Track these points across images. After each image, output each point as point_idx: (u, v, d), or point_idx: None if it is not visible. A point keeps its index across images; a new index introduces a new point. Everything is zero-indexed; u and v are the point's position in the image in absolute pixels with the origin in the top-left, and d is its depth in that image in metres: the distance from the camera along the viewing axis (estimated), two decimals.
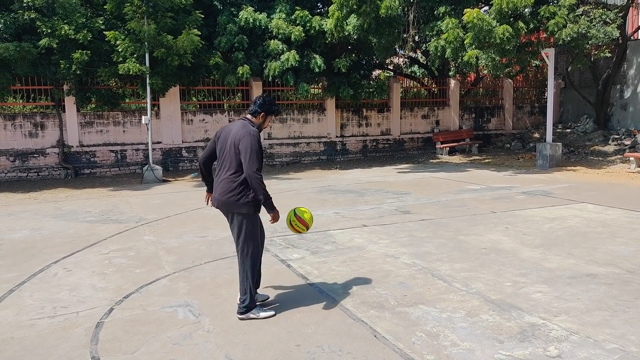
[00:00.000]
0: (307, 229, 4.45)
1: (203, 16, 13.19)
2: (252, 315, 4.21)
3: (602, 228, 7.13)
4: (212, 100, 16.71)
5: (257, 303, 4.33)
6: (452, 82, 19.41)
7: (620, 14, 15.84)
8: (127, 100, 15.88)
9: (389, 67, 21.94)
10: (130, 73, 12.29)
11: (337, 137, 17.71)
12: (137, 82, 13.99)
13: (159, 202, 10.14)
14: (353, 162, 17.25)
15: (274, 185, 12.14)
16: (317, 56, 14.94)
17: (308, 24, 14.75)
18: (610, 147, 16.09)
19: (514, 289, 4.85)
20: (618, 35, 15.37)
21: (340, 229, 7.49)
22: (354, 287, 4.98)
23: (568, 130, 19.07)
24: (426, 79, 21.83)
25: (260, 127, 4.33)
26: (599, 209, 8.47)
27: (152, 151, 13.69)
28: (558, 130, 18.96)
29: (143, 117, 13.35)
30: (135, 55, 12.39)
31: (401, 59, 22.53)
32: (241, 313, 4.21)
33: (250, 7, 14.83)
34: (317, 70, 14.85)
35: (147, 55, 12.60)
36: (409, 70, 23.50)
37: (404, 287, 4.95)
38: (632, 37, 17.81)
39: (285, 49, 14.74)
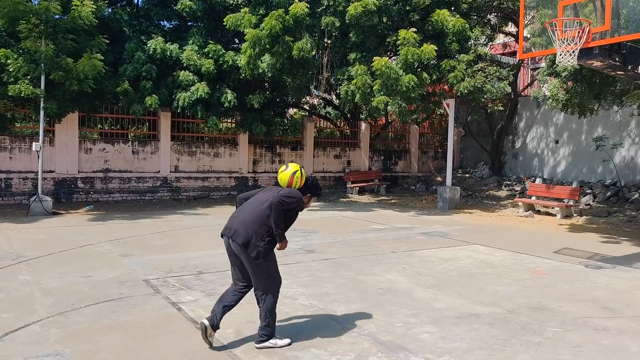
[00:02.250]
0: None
1: (108, 41, 12.72)
2: (269, 344, 4.40)
3: (490, 269, 7.57)
4: (119, 129, 16.04)
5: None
6: (363, 125, 20.14)
7: (512, 72, 17.47)
8: (17, 125, 14.79)
9: (304, 106, 22.38)
10: (22, 95, 11.50)
11: (249, 172, 17.61)
12: (30, 105, 13.07)
13: (43, 237, 9.40)
14: None
15: (177, 221, 11.76)
16: (228, 91, 14.94)
17: (221, 59, 14.76)
18: (503, 192, 17.33)
19: (404, 329, 4.96)
20: (510, 91, 16.88)
21: None
22: (245, 332, 4.85)
23: (467, 175, 20.36)
24: (339, 120, 22.48)
25: (303, 207, 4.61)
26: (489, 250, 9.01)
27: (42, 180, 12.65)
28: (458, 175, 20.17)
29: (34, 143, 12.40)
30: (29, 77, 11.63)
31: (316, 100, 23.09)
32: (259, 342, 4.41)
33: (160, 37, 14.60)
34: (227, 104, 14.81)
35: (42, 78, 11.82)
36: (324, 111, 24.11)
37: (298, 330, 4.90)
38: (522, 94, 19.58)
39: (196, 80, 14.60)
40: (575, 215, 13.36)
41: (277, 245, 4.42)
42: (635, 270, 7.59)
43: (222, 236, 4.50)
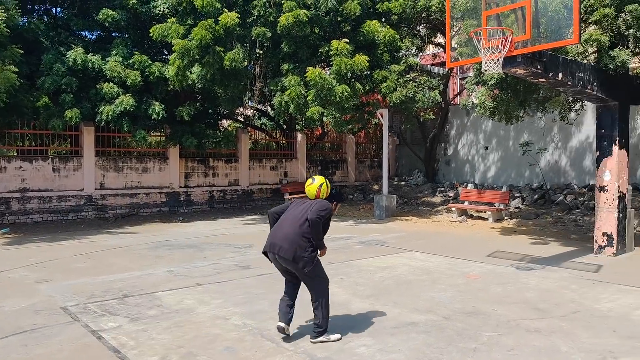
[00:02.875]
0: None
1: (22, 52, 11.88)
2: (323, 339, 4.85)
3: (426, 275, 7.57)
4: (39, 146, 15.03)
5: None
6: (299, 136, 20.04)
7: (442, 82, 17.93)
8: None
9: (239, 118, 22.02)
10: None
11: (180, 187, 17.00)
12: None
13: None
14: (198, 213, 16.62)
15: (103, 242, 11.12)
16: (156, 103, 14.38)
17: (147, 70, 14.19)
18: (437, 199, 17.71)
19: (341, 344, 4.80)
20: (440, 100, 17.31)
21: (170, 290, 6.93)
22: (173, 358, 4.51)
23: (403, 182, 20.68)
24: (275, 131, 22.28)
25: (332, 213, 5.02)
26: (425, 256, 9.06)
27: None
28: (394, 183, 20.45)
29: None
30: None
31: (251, 111, 22.78)
32: (314, 337, 4.86)
33: (80, 48, 13.84)
34: (155, 117, 14.25)
35: None
36: (259, 122, 23.83)
37: (229, 353, 4.62)
38: (452, 102, 20.19)
39: (121, 92, 13.93)
40: (506, 218, 13.81)
41: (319, 252, 4.94)
42: (562, 269, 7.84)
43: (265, 254, 5.00)
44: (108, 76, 13.93)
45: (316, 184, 5.01)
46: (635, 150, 13.38)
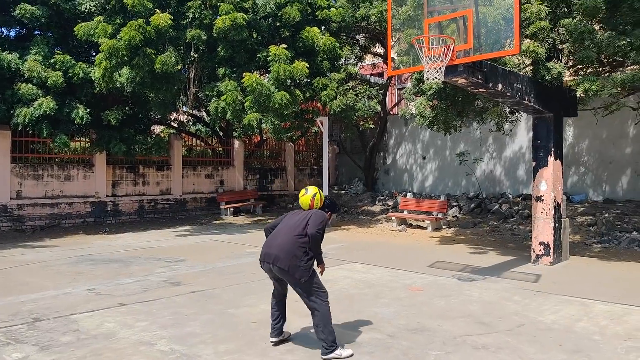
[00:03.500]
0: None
1: None
2: (335, 355, 4.62)
3: (368, 289, 7.30)
4: None
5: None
6: (237, 143, 19.46)
7: (381, 91, 18.01)
8: None
9: (173, 123, 21.11)
10: None
11: (107, 196, 15.95)
12: None
13: None
14: (126, 224, 15.64)
15: (16, 256, 10.14)
16: (80, 106, 13.38)
17: (71, 70, 13.19)
18: (377, 207, 17.67)
19: None
20: (380, 109, 17.36)
21: (90, 312, 6.24)
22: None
23: (343, 191, 20.56)
24: (211, 138, 21.55)
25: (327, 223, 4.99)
26: (366, 268, 8.81)
27: None
28: (334, 192, 20.28)
29: None
30: None
31: (185, 117, 21.93)
32: (325, 353, 4.62)
33: None
34: (79, 121, 13.26)
35: None
36: (195, 128, 22.99)
37: None
38: (391, 112, 20.33)
39: (40, 94, 12.83)
40: (444, 227, 13.90)
41: (318, 270, 4.94)
42: (503, 280, 7.82)
43: (261, 263, 4.88)
44: (26, 76, 12.82)
45: (309, 194, 5.01)
46: (566, 161, 13.90)
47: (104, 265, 9.25)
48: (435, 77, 6.72)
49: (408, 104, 17.88)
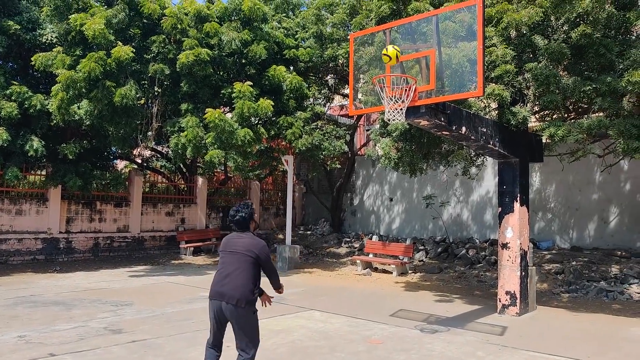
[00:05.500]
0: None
1: None
2: None
3: (325, 340, 6.81)
4: None
5: None
6: (200, 180, 18.93)
7: (349, 132, 17.89)
8: None
9: (136, 159, 20.50)
10: None
11: (61, 232, 15.13)
12: None
13: None
14: (79, 263, 14.79)
15: None
16: (35, 138, 12.80)
17: (27, 102, 12.66)
18: (343, 249, 17.23)
19: None
20: (347, 149, 17.19)
21: None
22: None
23: (309, 232, 20.08)
24: (174, 175, 20.97)
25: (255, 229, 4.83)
26: (325, 316, 8.31)
27: None
28: (300, 232, 19.80)
29: None
30: None
31: (149, 152, 21.34)
32: None
33: None
34: (32, 153, 12.66)
35: None
36: (159, 164, 22.39)
37: None
38: (358, 153, 20.19)
39: None
40: (410, 272, 13.53)
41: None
42: (467, 332, 7.41)
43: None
44: None
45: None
46: (532, 206, 13.83)
47: (43, 308, 8.56)
48: (396, 118, 6.49)
49: (375, 145, 17.82)
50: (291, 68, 14.75)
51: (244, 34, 13.06)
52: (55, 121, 12.89)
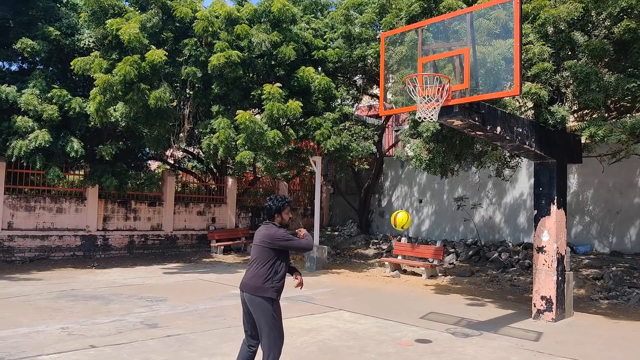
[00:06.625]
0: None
1: None
2: None
3: (354, 341, 6.81)
4: None
5: None
6: (230, 181, 19.17)
7: (377, 132, 17.83)
8: None
9: (168, 160, 20.92)
10: None
11: (98, 230, 15.55)
12: None
13: None
14: (115, 259, 15.19)
15: (0, 289, 9.79)
16: (75, 140, 13.24)
17: (67, 105, 13.10)
18: (370, 251, 17.18)
19: None
20: (375, 150, 17.13)
21: (57, 353, 5.85)
22: None
23: (336, 232, 20.09)
24: (205, 175, 21.29)
25: (283, 224, 4.80)
26: (354, 317, 8.31)
27: None
28: (327, 233, 19.82)
29: None
30: None
31: (181, 153, 21.72)
32: None
33: None
34: (73, 154, 13.09)
35: None
36: (191, 165, 22.77)
37: None
38: (387, 154, 20.10)
39: (36, 127, 12.74)
40: (440, 275, 13.38)
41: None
42: (501, 337, 7.27)
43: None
44: (23, 109, 12.76)
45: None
46: (569, 210, 13.49)
47: (83, 302, 8.88)
48: (429, 119, 6.44)
49: (404, 145, 17.68)
50: (320, 69, 14.79)
51: (273, 36, 13.17)
52: (92, 123, 13.27)
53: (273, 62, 13.69)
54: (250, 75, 13.60)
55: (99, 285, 10.68)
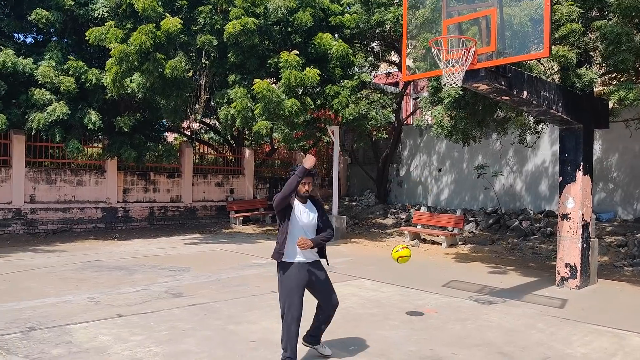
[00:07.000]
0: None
1: None
2: None
3: (377, 309, 6.82)
4: None
5: None
6: (247, 152, 19.15)
7: (396, 100, 17.55)
8: None
9: (185, 131, 20.92)
10: None
11: (118, 202, 15.72)
12: None
13: None
14: (136, 231, 15.39)
15: (26, 260, 10.03)
16: (92, 112, 13.24)
17: (83, 76, 13.07)
18: (389, 220, 17.14)
19: None
20: (394, 119, 16.89)
21: (86, 322, 5.93)
22: None
23: (354, 203, 20.06)
24: (223, 147, 21.29)
25: (299, 194, 4.70)
26: (376, 285, 8.32)
27: None
28: (345, 203, 19.80)
29: None
30: None
31: (198, 124, 21.70)
32: None
33: (11, 50, 12.57)
34: (91, 127, 13.12)
35: None
36: (207, 136, 22.76)
37: None
38: (405, 122, 19.84)
39: (53, 99, 12.75)
40: (460, 243, 13.32)
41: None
42: (525, 305, 7.22)
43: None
44: (40, 82, 12.75)
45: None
46: (593, 176, 13.20)
47: (108, 272, 9.00)
48: (454, 83, 6.26)
49: (424, 113, 17.39)
50: (337, 35, 14.49)
51: (289, 1, 12.88)
52: (109, 95, 13.24)
53: (289, 29, 13.44)
54: (267, 43, 13.37)
55: (121, 256, 10.83)
